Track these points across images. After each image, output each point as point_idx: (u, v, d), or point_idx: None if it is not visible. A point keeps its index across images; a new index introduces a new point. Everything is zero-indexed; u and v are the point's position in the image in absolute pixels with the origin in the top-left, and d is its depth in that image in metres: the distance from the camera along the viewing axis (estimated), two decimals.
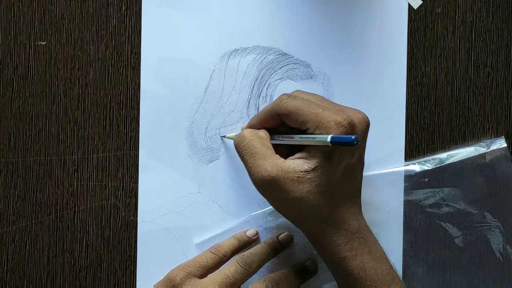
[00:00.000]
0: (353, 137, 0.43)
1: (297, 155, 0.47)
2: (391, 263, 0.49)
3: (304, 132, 0.47)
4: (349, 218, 0.47)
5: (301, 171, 0.45)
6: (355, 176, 0.49)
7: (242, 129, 0.51)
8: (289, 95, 0.48)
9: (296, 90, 0.50)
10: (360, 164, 0.49)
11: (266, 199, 0.48)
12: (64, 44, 0.55)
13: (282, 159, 0.46)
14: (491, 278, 0.56)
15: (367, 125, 0.47)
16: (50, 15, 0.55)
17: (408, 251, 0.56)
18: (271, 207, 0.55)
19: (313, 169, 0.45)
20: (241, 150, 0.48)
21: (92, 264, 0.56)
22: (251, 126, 0.51)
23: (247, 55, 0.56)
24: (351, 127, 0.46)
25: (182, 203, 0.55)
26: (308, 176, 0.45)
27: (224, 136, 0.55)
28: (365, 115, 0.47)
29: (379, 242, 0.49)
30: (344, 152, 0.46)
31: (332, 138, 0.44)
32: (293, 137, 0.48)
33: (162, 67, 0.55)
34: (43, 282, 0.55)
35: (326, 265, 0.49)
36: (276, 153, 0.47)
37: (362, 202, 0.49)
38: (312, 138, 0.46)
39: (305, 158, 0.46)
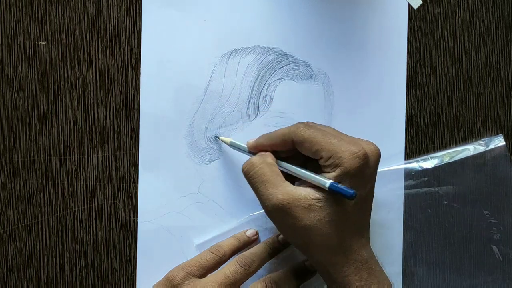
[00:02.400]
0: (352, 191, 0.44)
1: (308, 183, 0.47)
2: None
3: (315, 161, 0.47)
4: (359, 249, 0.47)
5: (312, 199, 0.45)
6: (366, 207, 0.49)
7: (248, 145, 0.51)
8: (305, 124, 0.48)
9: (309, 121, 0.50)
10: (371, 195, 0.49)
11: (277, 226, 0.48)
12: (64, 44, 0.55)
13: (293, 186, 0.47)
14: (491, 278, 0.56)
15: (378, 157, 0.48)
16: (50, 15, 0.55)
17: (408, 251, 0.56)
18: None
19: (324, 197, 0.46)
20: (251, 178, 0.48)
21: (92, 264, 0.56)
22: (259, 144, 0.50)
23: (247, 55, 0.56)
24: (365, 159, 0.46)
25: (182, 203, 0.55)
26: (320, 205, 0.45)
27: (218, 137, 0.55)
28: (377, 147, 0.48)
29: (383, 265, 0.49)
30: (356, 183, 0.46)
31: (331, 184, 0.45)
32: (296, 169, 0.48)
33: (162, 67, 0.55)
34: (43, 282, 0.55)
35: None
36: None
37: None
38: (313, 176, 0.46)
39: (317, 187, 0.46)
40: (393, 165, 0.56)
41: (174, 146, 0.55)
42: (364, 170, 0.46)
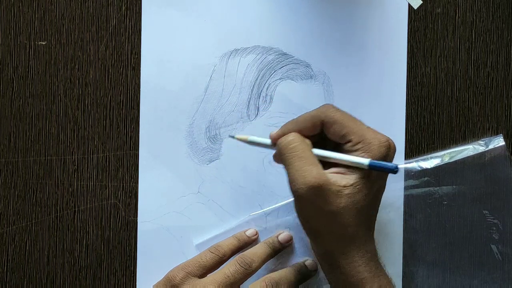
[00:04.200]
0: (394, 165, 0.44)
1: (333, 169, 0.47)
2: None
3: (339, 145, 0.47)
4: (369, 240, 0.48)
5: (340, 185, 0.45)
6: (378, 200, 0.49)
7: (272, 137, 0.49)
8: (333, 106, 0.48)
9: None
10: (383, 189, 0.49)
11: (299, 207, 0.47)
12: (64, 44, 0.55)
13: (324, 170, 0.46)
14: (490, 277, 0.56)
15: (395, 151, 0.48)
16: (50, 15, 0.55)
17: (408, 251, 0.56)
18: (271, 207, 0.55)
19: (351, 185, 0.46)
20: (288, 152, 0.47)
21: (92, 264, 0.56)
22: (286, 130, 0.49)
23: (247, 55, 0.56)
24: (390, 149, 0.46)
25: (182, 203, 0.55)
26: (346, 192, 0.45)
27: (233, 137, 0.51)
28: (393, 142, 0.48)
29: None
30: (380, 173, 0.46)
31: (371, 162, 0.45)
32: (330, 153, 0.47)
33: (162, 67, 0.55)
34: (43, 282, 0.56)
35: None
36: None
37: None
38: (350, 157, 0.46)
39: (343, 174, 0.46)
40: None
41: (174, 146, 0.55)
42: (387, 160, 0.47)
